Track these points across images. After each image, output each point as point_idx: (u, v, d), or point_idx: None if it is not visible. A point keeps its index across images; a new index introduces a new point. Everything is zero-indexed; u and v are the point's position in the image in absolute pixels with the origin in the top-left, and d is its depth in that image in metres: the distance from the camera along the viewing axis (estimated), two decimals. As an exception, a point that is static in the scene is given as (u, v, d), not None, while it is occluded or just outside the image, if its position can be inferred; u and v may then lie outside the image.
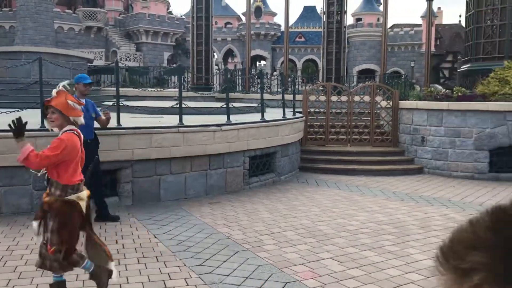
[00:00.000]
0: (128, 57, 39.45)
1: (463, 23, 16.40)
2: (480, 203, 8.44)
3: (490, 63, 14.38)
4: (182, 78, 12.69)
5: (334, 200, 8.57)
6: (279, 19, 75.04)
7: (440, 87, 29.62)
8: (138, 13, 41.71)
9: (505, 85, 12.06)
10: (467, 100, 11.74)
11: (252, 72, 24.91)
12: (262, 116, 10.25)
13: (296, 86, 18.78)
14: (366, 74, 39.33)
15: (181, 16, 46.48)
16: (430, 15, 19.18)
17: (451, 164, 11.49)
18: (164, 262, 5.15)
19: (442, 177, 11.32)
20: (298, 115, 12.28)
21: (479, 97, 11.86)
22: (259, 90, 14.42)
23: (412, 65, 39.60)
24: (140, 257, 5.29)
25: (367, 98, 14.04)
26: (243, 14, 41.51)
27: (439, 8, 55.71)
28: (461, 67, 16.99)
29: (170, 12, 46.65)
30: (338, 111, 13.92)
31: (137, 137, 7.78)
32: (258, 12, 46.25)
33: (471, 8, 15.39)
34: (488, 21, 14.89)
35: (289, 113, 11.67)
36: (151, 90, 18.34)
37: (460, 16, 49.52)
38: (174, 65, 31.58)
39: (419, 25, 45.85)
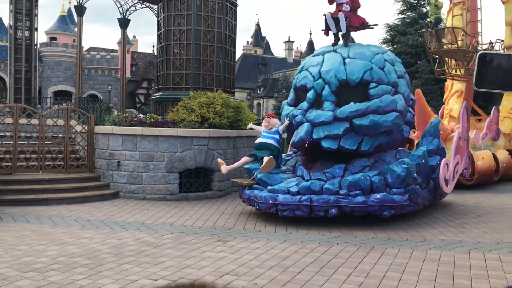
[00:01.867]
0: None
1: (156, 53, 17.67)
2: (170, 223, 9.01)
3: (179, 92, 15.75)
4: None
5: (21, 236, 7.70)
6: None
7: (136, 112, 30.80)
8: None
9: (192, 113, 13.36)
10: (159, 126, 12.48)
11: None
12: None
13: (-23, 106, 16.30)
14: (63, 96, 37.63)
15: None
16: (124, 42, 19.80)
17: (146, 187, 11.96)
18: None
19: (137, 200, 11.65)
20: (-24, 140, 10.65)
21: (170, 124, 12.78)
22: None
23: (109, 89, 39.99)
24: None
25: (61, 122, 13.32)
26: None
27: (134, 36, 58.42)
28: (154, 95, 18.06)
29: None
30: (29, 135, 12.78)
31: None
32: None
33: (162, 41, 16.58)
34: (177, 54, 16.29)
35: (-36, 137, 9.99)
36: None
37: (153, 46, 53.00)
38: None
39: (116, 51, 46.86)
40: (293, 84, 10.55)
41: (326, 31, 10.41)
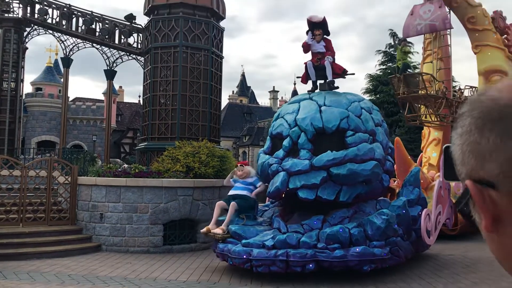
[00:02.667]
0: None
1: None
2: (154, 278, 8.74)
3: (164, 142, 15.72)
4: None
5: (-3, 293, 7.39)
6: None
7: (121, 162, 30.61)
8: None
9: (177, 163, 13.30)
10: (144, 176, 12.36)
11: None
12: None
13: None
14: (47, 147, 37.35)
15: None
16: (110, 93, 19.94)
17: (129, 240, 11.68)
18: None
19: (120, 253, 11.34)
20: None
21: (155, 174, 12.67)
22: None
23: (94, 139, 39.84)
24: None
25: (44, 173, 13.14)
26: None
27: (120, 87, 58.88)
28: (139, 145, 18.01)
29: None
30: (10, 187, 12.56)
31: None
32: None
33: (148, 92, 16.72)
34: (163, 105, 16.39)
35: None
36: None
37: (139, 96, 53.47)
38: None
39: (101, 101, 47.05)
40: (269, 132, 10.26)
41: (305, 79, 10.42)
